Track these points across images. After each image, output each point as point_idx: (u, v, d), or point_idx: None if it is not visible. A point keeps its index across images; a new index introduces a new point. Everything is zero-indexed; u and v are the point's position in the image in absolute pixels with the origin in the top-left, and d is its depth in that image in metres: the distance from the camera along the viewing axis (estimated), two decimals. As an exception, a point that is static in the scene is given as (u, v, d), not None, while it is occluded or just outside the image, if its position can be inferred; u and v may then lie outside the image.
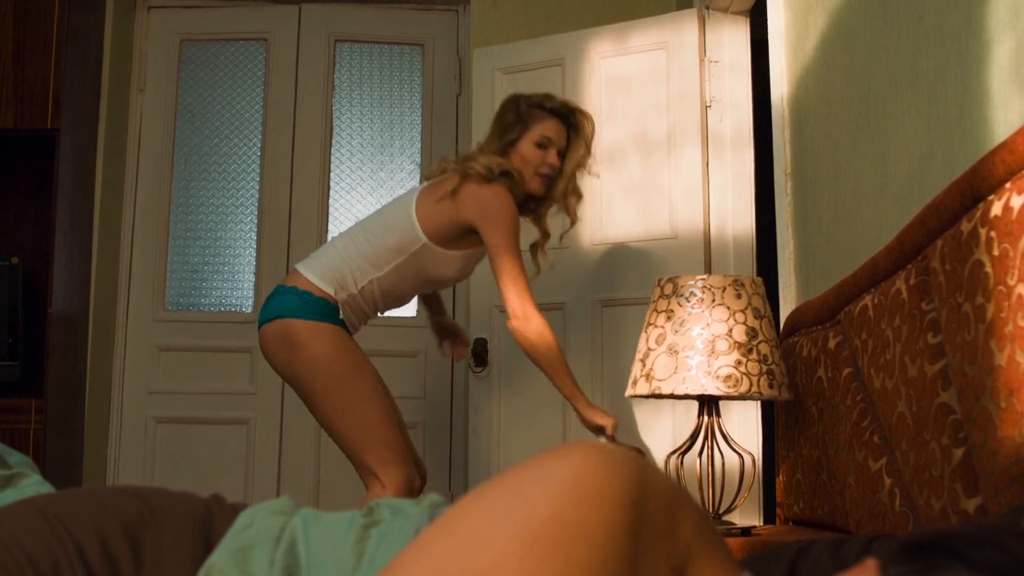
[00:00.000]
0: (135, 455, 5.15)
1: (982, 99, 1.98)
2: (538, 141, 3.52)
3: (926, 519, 1.88)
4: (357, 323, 3.53)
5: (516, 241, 3.42)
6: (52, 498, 1.22)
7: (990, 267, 1.62)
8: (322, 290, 3.40)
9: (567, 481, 0.97)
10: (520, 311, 3.37)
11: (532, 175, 3.53)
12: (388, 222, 3.50)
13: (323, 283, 3.41)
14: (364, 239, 3.48)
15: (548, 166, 3.54)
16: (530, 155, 3.52)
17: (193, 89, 5.44)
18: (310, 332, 3.37)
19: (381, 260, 3.46)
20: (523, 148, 3.52)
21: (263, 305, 3.49)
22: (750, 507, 3.94)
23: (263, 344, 3.45)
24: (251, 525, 1.21)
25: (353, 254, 3.45)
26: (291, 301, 3.39)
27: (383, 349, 5.09)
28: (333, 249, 3.50)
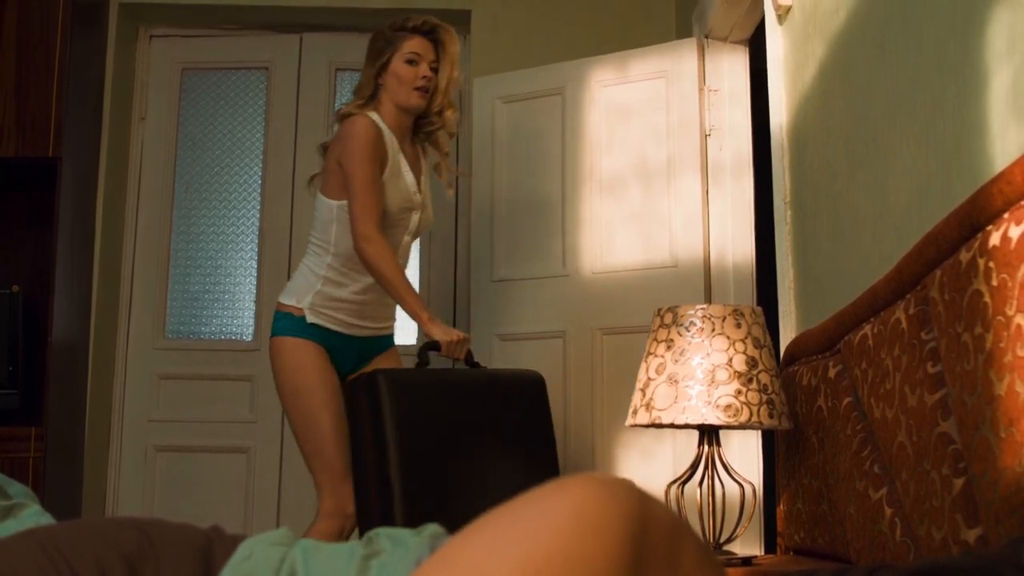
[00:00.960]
0: (135, 483, 5.14)
1: (980, 129, 1.99)
2: (408, 58, 3.69)
3: (927, 549, 1.88)
4: (346, 317, 3.62)
5: (368, 167, 3.52)
6: (52, 530, 1.22)
7: (989, 297, 1.62)
8: (286, 305, 3.59)
9: (568, 514, 0.97)
10: (364, 232, 3.45)
11: (410, 92, 3.69)
12: (315, 217, 3.68)
13: (286, 298, 3.60)
14: (310, 244, 3.67)
15: (423, 79, 3.70)
16: (403, 72, 3.69)
17: (194, 117, 5.46)
18: (277, 348, 3.57)
19: (323, 241, 3.61)
20: (395, 68, 3.69)
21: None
22: (751, 537, 3.93)
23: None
24: (250, 556, 1.21)
25: (305, 260, 3.65)
26: (274, 322, 3.61)
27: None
28: (299, 267, 3.70)
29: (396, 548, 1.21)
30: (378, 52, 3.72)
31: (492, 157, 4.73)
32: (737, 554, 2.74)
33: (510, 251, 4.63)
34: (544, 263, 4.54)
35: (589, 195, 4.50)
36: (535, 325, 4.52)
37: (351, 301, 3.63)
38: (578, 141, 4.56)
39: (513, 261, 4.62)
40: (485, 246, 4.69)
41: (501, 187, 4.70)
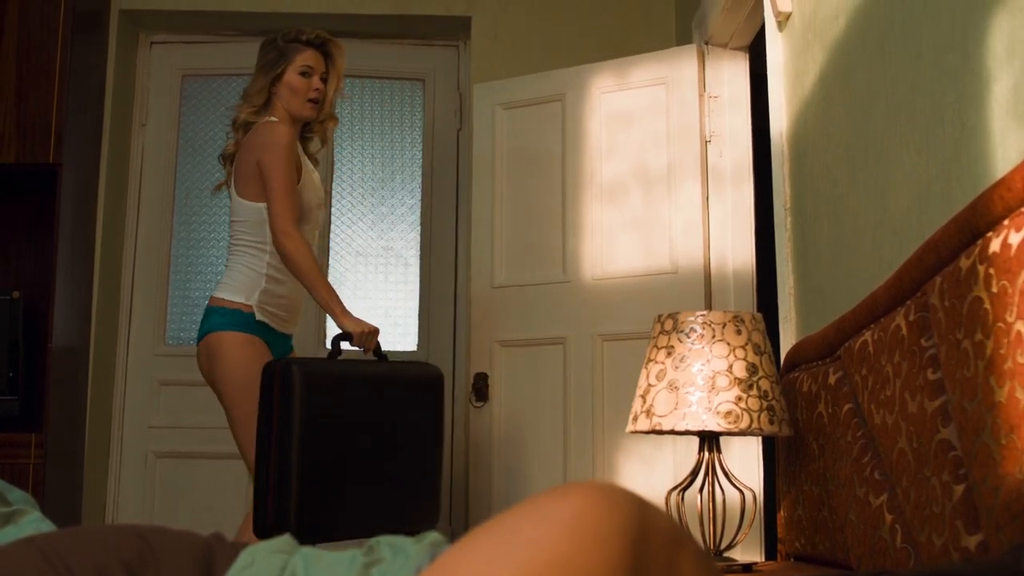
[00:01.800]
0: (135, 490, 5.14)
1: (980, 136, 1.99)
2: (301, 70, 3.81)
3: (927, 556, 1.88)
4: (284, 314, 3.75)
5: (290, 169, 3.65)
6: (53, 537, 1.22)
7: (989, 304, 1.62)
8: (231, 301, 3.66)
9: (568, 521, 0.97)
10: (284, 229, 3.55)
11: (303, 103, 3.82)
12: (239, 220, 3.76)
13: (228, 295, 3.67)
14: (240, 245, 3.74)
15: (315, 91, 3.84)
16: (297, 84, 3.81)
17: (195, 124, 5.46)
18: (222, 342, 3.62)
19: (259, 242, 3.70)
20: (289, 79, 3.81)
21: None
22: (751, 543, 3.93)
23: (198, 361, 3.71)
24: (252, 564, 1.21)
25: (240, 260, 3.71)
26: (215, 319, 3.65)
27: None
28: (229, 267, 3.75)
29: (396, 556, 1.21)
30: (271, 62, 3.83)
31: (492, 163, 4.74)
32: (737, 561, 2.74)
33: (510, 257, 4.64)
34: (544, 269, 4.55)
35: (589, 201, 4.50)
36: (535, 331, 4.52)
37: (287, 298, 3.74)
38: (578, 147, 4.57)
39: (513, 267, 4.62)
40: (485, 252, 4.69)
41: (501, 193, 4.70)
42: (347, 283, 5.37)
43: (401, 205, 5.46)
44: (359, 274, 5.44)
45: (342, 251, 5.39)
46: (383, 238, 5.46)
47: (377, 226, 5.45)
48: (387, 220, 5.45)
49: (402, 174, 5.49)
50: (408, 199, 5.46)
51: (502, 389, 4.55)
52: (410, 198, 5.46)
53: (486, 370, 4.60)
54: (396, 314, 5.42)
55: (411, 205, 5.46)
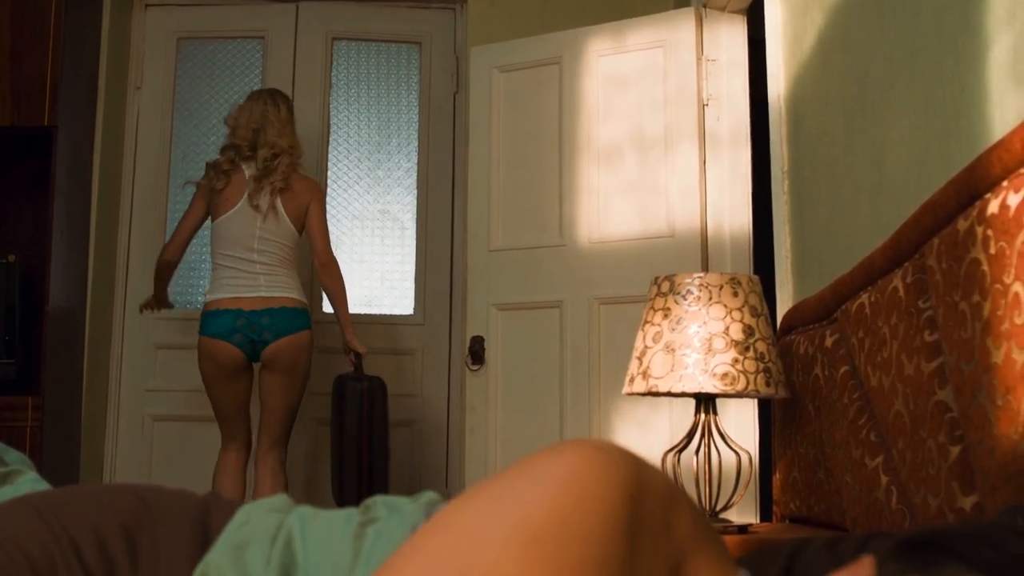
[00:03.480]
0: (132, 453, 5.15)
1: (979, 98, 1.98)
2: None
3: (922, 517, 1.88)
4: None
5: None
6: (49, 496, 1.21)
7: (987, 265, 1.62)
8: (305, 303, 4.59)
9: (563, 479, 0.97)
10: (330, 257, 4.60)
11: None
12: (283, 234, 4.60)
13: (303, 297, 4.60)
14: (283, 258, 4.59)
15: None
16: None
17: (190, 87, 5.44)
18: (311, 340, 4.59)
19: (295, 257, 4.66)
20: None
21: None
22: (747, 505, 3.94)
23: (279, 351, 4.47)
24: (248, 522, 1.21)
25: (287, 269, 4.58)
26: (306, 317, 4.56)
27: (378, 347, 5.09)
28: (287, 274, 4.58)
29: (392, 515, 1.21)
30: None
31: (489, 126, 4.72)
32: (733, 522, 2.75)
33: (507, 221, 4.63)
34: (541, 233, 4.54)
35: (586, 165, 4.49)
36: (532, 295, 4.52)
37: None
38: (575, 111, 4.55)
39: (510, 231, 4.61)
40: (482, 216, 4.68)
41: (498, 157, 4.69)
42: (343, 247, 5.37)
43: (397, 168, 5.45)
44: (355, 237, 5.43)
45: (339, 215, 5.38)
46: (379, 201, 5.45)
47: (373, 189, 5.44)
48: (383, 183, 5.44)
49: (398, 137, 5.48)
50: (404, 162, 5.45)
51: (499, 352, 4.56)
52: (406, 161, 5.45)
53: (483, 333, 4.60)
54: (393, 277, 5.42)
55: (407, 168, 5.45)
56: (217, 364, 4.41)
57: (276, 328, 4.38)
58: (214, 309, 4.42)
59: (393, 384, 4.95)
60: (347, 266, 5.31)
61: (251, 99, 4.66)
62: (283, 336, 4.39)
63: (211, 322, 4.41)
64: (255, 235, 4.45)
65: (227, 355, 4.39)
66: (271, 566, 1.15)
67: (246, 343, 4.38)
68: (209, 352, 4.41)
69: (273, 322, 4.37)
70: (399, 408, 5.22)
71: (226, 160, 4.53)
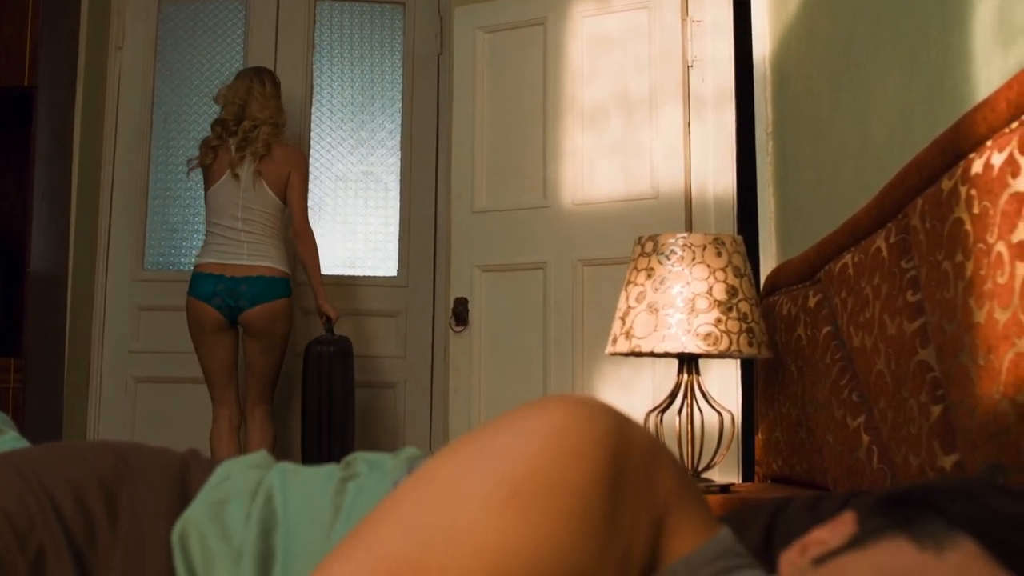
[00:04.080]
0: (115, 415, 5.15)
1: (964, 58, 1.98)
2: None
3: (904, 476, 1.89)
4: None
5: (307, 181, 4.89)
6: (27, 453, 1.21)
7: (970, 225, 1.62)
8: (287, 272, 4.77)
9: (546, 434, 0.96)
10: (304, 227, 4.75)
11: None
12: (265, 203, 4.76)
13: (285, 267, 4.76)
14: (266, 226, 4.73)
15: None
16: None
17: (172, 47, 5.40)
18: (290, 307, 4.74)
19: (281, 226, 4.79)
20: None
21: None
22: (729, 465, 3.95)
23: (254, 319, 4.65)
24: (227, 479, 1.21)
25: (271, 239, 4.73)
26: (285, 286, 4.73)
27: (361, 308, 5.08)
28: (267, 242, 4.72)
29: (373, 470, 1.21)
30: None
31: (473, 87, 4.70)
32: (715, 482, 2.76)
33: (491, 182, 4.61)
34: (525, 194, 4.53)
35: (570, 126, 4.47)
36: (516, 256, 4.51)
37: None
38: (559, 72, 4.53)
39: (494, 192, 4.60)
40: (466, 177, 4.66)
41: (482, 118, 4.67)
42: (327, 207, 5.35)
43: (381, 130, 5.43)
44: (339, 198, 5.42)
45: (322, 175, 5.36)
46: (363, 162, 5.43)
47: (357, 150, 5.42)
48: (367, 144, 5.42)
49: (382, 98, 5.45)
50: (388, 123, 5.43)
51: (482, 314, 4.55)
52: (390, 122, 5.43)
53: (466, 295, 4.59)
54: (376, 239, 5.41)
55: (391, 130, 5.43)
56: (199, 324, 4.62)
57: (251, 295, 4.58)
58: (200, 272, 4.62)
59: (377, 346, 4.95)
60: (330, 227, 5.30)
61: (238, 77, 4.85)
62: (258, 303, 4.59)
63: (196, 284, 4.60)
64: (239, 204, 4.67)
65: (207, 316, 4.58)
66: (251, 522, 1.15)
67: (224, 307, 4.58)
68: (193, 312, 4.61)
69: (249, 289, 4.58)
70: (383, 370, 5.22)
71: (215, 136, 4.76)
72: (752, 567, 1.06)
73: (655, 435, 1.05)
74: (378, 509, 0.99)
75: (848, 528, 0.98)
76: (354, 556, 0.94)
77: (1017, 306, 1.45)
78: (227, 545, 1.13)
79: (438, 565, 0.92)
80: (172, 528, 1.15)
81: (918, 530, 0.90)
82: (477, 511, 0.93)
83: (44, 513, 1.11)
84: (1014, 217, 1.48)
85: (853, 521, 0.98)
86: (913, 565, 0.87)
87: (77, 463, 1.19)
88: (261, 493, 1.18)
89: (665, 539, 1.02)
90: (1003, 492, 0.92)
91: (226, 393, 4.71)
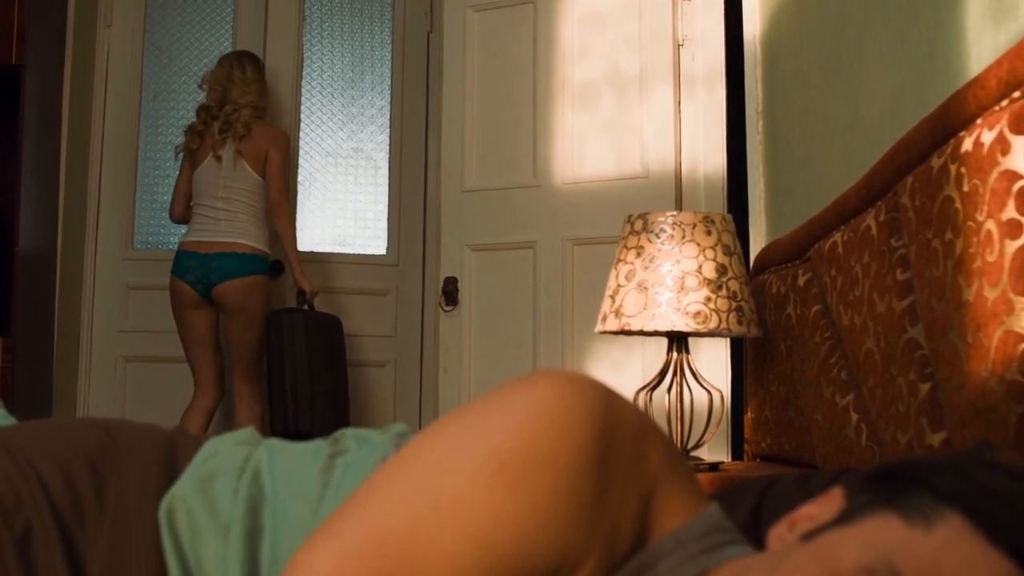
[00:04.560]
0: (105, 394, 5.14)
1: (954, 36, 1.98)
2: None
3: (892, 454, 1.89)
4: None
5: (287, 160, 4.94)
6: (14, 430, 1.21)
7: (960, 203, 1.62)
8: (265, 251, 4.79)
9: (534, 410, 0.96)
10: (278, 201, 4.78)
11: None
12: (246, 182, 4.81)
13: (264, 245, 4.78)
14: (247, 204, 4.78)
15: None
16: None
17: (161, 25, 5.37)
18: (266, 284, 4.80)
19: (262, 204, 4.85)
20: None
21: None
22: (718, 443, 3.96)
23: (227, 293, 4.69)
24: (215, 455, 1.21)
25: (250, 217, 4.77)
26: (261, 263, 4.77)
27: (351, 287, 5.08)
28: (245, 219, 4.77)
29: (362, 447, 1.21)
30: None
31: (463, 66, 4.68)
32: (704, 460, 2.77)
33: (481, 161, 4.61)
34: (515, 173, 4.52)
35: (561, 105, 4.46)
36: (506, 235, 4.51)
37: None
38: (550, 50, 4.52)
39: (484, 171, 4.59)
40: (456, 156, 4.65)
41: (472, 97, 4.66)
42: (316, 184, 5.34)
43: (371, 107, 5.41)
44: (328, 175, 5.40)
45: (311, 151, 5.35)
46: (353, 139, 5.42)
47: (347, 127, 5.40)
48: (356, 121, 5.41)
49: (372, 75, 5.44)
50: (378, 100, 5.41)
51: (472, 293, 4.55)
52: (380, 99, 5.41)
53: (456, 274, 4.59)
54: (366, 216, 5.40)
55: (380, 107, 5.41)
56: (178, 301, 4.73)
57: (222, 271, 4.64)
58: (180, 251, 4.73)
59: (368, 325, 4.94)
60: (320, 204, 5.29)
61: (219, 63, 4.94)
62: (229, 279, 4.65)
63: (175, 261, 4.73)
64: (219, 184, 4.75)
65: (182, 292, 4.69)
66: (239, 498, 1.14)
67: (197, 283, 4.66)
68: (172, 289, 4.74)
69: (220, 265, 4.65)
70: (373, 349, 5.22)
71: (199, 121, 4.86)
72: (740, 543, 1.06)
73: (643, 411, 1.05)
74: (366, 484, 0.99)
75: (836, 504, 0.98)
76: (342, 531, 0.94)
77: (1006, 284, 1.46)
78: (215, 521, 1.13)
79: (426, 539, 0.92)
80: (159, 504, 1.15)
81: (906, 505, 0.90)
82: (465, 486, 0.94)
83: (31, 490, 1.11)
84: (1004, 195, 1.48)
85: (841, 497, 0.99)
86: (901, 540, 0.87)
87: (64, 440, 1.19)
88: (249, 469, 1.18)
89: (654, 514, 1.02)
90: (991, 467, 0.92)
91: (204, 376, 4.76)
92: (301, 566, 0.93)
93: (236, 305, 4.66)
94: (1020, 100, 1.49)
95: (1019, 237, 1.44)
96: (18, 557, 1.07)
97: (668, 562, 1.01)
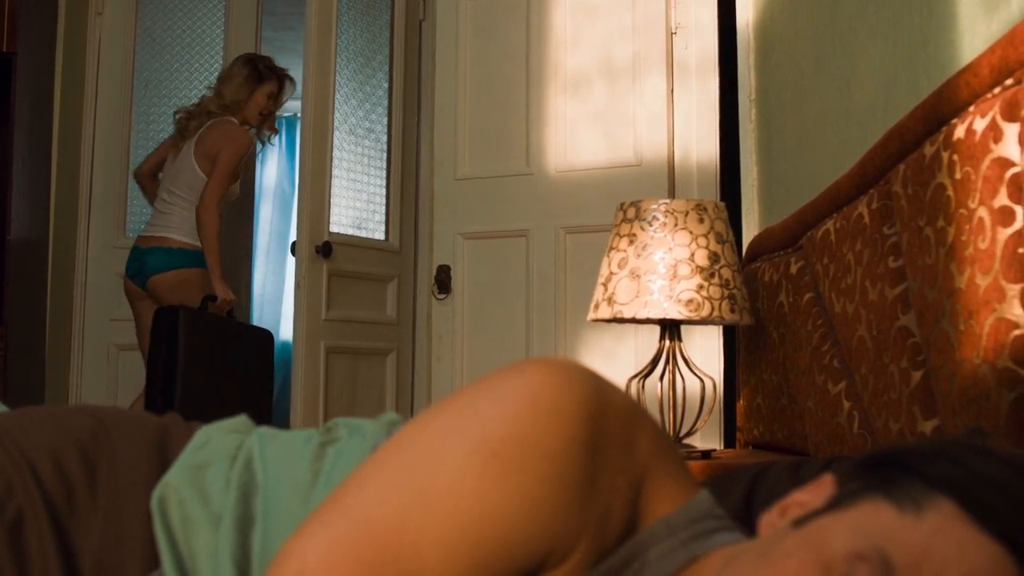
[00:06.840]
0: (97, 382, 5.13)
1: (948, 24, 1.97)
2: (269, 94, 4.86)
3: (884, 441, 1.89)
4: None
5: (236, 166, 4.72)
6: (4, 417, 1.20)
7: (952, 190, 1.62)
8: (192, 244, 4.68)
9: (524, 397, 0.96)
10: (211, 205, 4.55)
11: (256, 114, 4.85)
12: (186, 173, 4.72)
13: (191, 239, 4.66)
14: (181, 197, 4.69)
15: (268, 109, 4.90)
16: (262, 101, 4.85)
17: (153, 12, 5.35)
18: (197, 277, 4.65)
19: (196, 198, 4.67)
20: (258, 97, 4.83)
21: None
22: (710, 431, 3.97)
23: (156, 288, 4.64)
24: (207, 443, 1.20)
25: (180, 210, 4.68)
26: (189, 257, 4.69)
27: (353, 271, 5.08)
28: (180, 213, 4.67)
29: (353, 435, 1.21)
30: (257, 78, 4.82)
31: (456, 54, 4.68)
32: (697, 448, 2.77)
33: (474, 149, 4.61)
34: (508, 162, 4.52)
35: (554, 94, 4.46)
36: (498, 224, 4.51)
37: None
38: (543, 39, 4.52)
39: (477, 159, 4.59)
40: (449, 144, 4.66)
41: (465, 85, 4.66)
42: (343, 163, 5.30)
43: (379, 87, 5.39)
44: (347, 151, 5.37)
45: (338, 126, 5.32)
46: (368, 119, 5.39)
47: (364, 105, 5.38)
48: (371, 100, 5.38)
49: (376, 59, 5.41)
50: (385, 81, 5.38)
51: (465, 281, 4.56)
52: (386, 81, 5.38)
53: (449, 262, 4.59)
54: (376, 201, 5.36)
55: (387, 90, 5.38)
56: (125, 290, 4.76)
57: (150, 265, 4.62)
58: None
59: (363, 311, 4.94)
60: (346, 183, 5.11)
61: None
62: (157, 272, 4.62)
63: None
64: (169, 177, 4.76)
65: (127, 284, 4.71)
66: (231, 486, 1.14)
67: (135, 276, 4.65)
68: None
69: (149, 259, 4.63)
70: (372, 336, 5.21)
71: (177, 121, 4.88)
72: (731, 529, 1.06)
73: (635, 399, 1.04)
74: (357, 473, 0.99)
75: (827, 490, 0.98)
76: (332, 520, 0.94)
77: (998, 271, 1.46)
78: (206, 509, 1.13)
79: (416, 528, 0.92)
80: (151, 493, 1.14)
81: (898, 492, 0.90)
82: (455, 474, 0.93)
83: (22, 478, 1.10)
84: (996, 182, 1.48)
85: (832, 483, 0.99)
86: (892, 526, 0.87)
87: (55, 427, 1.18)
88: (241, 458, 1.18)
89: (644, 501, 1.02)
90: (982, 453, 0.92)
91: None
92: (291, 555, 0.92)
93: (166, 299, 4.52)
94: (1012, 87, 1.49)
95: (1011, 225, 1.44)
96: (9, 545, 1.07)
97: (659, 548, 1.01)
